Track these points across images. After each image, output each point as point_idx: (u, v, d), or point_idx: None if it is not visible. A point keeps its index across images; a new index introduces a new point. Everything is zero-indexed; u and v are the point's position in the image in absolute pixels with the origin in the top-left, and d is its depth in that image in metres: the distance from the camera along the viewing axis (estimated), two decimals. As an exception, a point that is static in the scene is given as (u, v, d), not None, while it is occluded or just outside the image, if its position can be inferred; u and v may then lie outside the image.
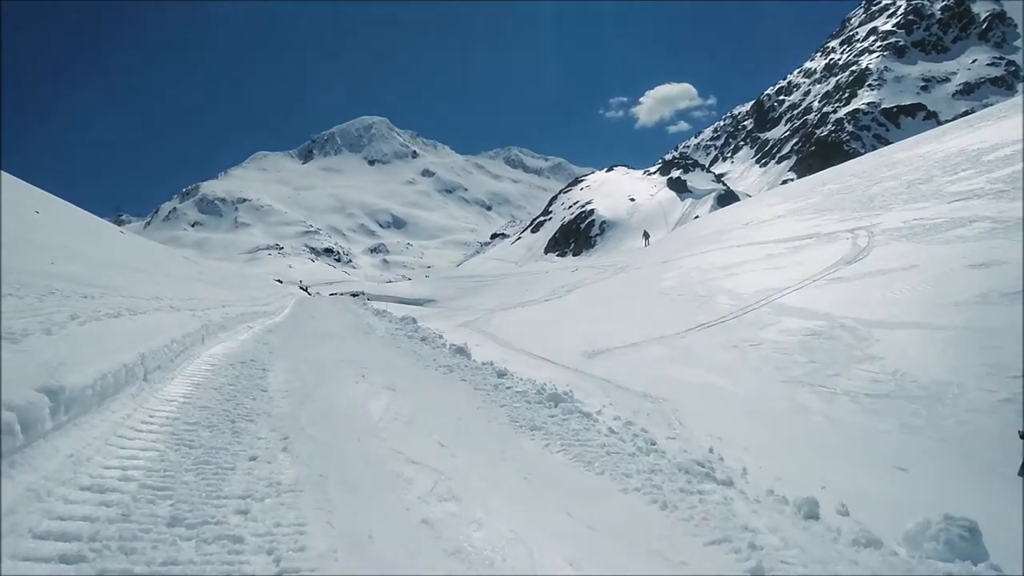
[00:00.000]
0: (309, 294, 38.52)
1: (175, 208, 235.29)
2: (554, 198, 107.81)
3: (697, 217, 57.64)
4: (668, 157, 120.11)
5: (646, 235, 40.91)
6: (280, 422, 4.76)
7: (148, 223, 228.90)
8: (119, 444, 3.80)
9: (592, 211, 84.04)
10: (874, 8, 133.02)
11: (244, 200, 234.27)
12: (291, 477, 3.65)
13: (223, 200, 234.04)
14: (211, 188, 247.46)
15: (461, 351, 9.64)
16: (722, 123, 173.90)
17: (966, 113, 55.06)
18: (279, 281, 50.04)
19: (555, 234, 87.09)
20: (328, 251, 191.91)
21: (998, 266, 8.53)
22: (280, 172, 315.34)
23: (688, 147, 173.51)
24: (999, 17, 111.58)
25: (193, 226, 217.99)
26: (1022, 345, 6.26)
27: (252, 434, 4.39)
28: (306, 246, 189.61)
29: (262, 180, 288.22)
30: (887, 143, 54.65)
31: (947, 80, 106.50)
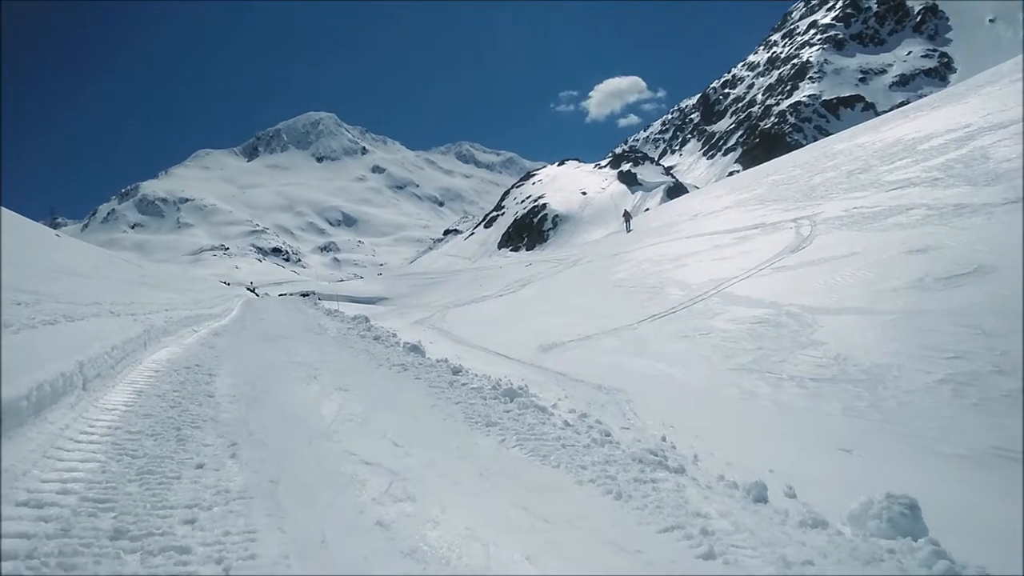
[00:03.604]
0: (257, 295, 37.74)
1: (114, 209, 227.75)
2: (506, 193, 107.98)
3: (648, 210, 58.49)
4: (618, 151, 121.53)
5: (627, 216, 34.10)
6: (228, 428, 4.64)
7: (86, 225, 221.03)
8: (57, 456, 3.66)
9: (544, 205, 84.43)
10: (814, 2, 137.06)
11: (186, 200, 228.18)
12: (240, 484, 3.56)
13: (164, 200, 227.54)
14: (151, 188, 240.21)
15: (415, 349, 9.57)
16: (670, 116, 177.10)
17: (902, 104, 57.21)
18: (225, 283, 48.88)
19: (508, 229, 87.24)
20: (276, 251, 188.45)
21: (934, 251, 8.89)
22: (224, 170, 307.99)
23: (638, 140, 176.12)
24: (932, 10, 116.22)
25: (133, 228, 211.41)
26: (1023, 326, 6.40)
27: (198, 441, 4.27)
28: (253, 246, 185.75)
29: (205, 179, 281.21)
30: (828, 134, 56.30)
31: (884, 72, 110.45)
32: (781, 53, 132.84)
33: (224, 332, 11.27)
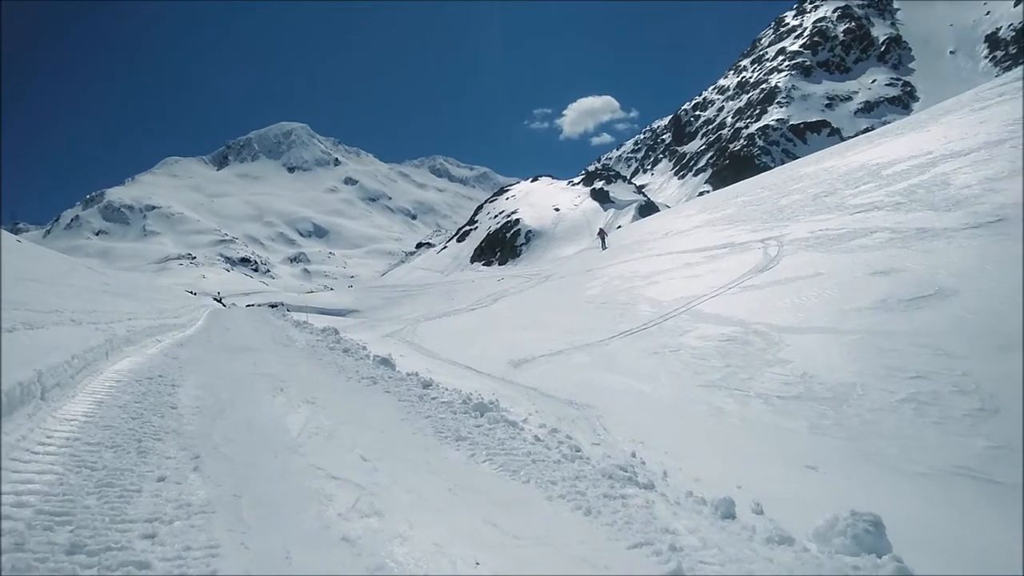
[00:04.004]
0: (224, 305, 37.15)
1: (78, 216, 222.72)
2: (480, 207, 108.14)
3: (620, 227, 59.03)
4: (591, 168, 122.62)
5: (602, 234, 32.26)
6: (191, 440, 4.53)
7: (48, 231, 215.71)
8: (13, 468, 3.53)
9: (518, 220, 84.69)
10: (782, 29, 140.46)
11: (153, 207, 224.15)
12: (202, 498, 3.47)
13: (130, 207, 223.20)
14: (117, 195, 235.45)
15: (385, 362, 9.49)
16: (642, 136, 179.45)
17: (867, 130, 58.81)
18: (192, 293, 48.07)
19: (481, 243, 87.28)
20: (245, 261, 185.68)
21: (896, 274, 9.10)
22: (193, 178, 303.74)
23: (611, 159, 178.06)
24: (896, 41, 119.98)
25: (97, 235, 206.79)
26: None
27: (160, 454, 4.16)
28: (221, 255, 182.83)
29: (173, 186, 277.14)
30: (795, 158, 57.57)
31: (849, 99, 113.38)
32: (750, 78, 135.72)
33: (189, 343, 11.05)
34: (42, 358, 5.25)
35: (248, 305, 41.34)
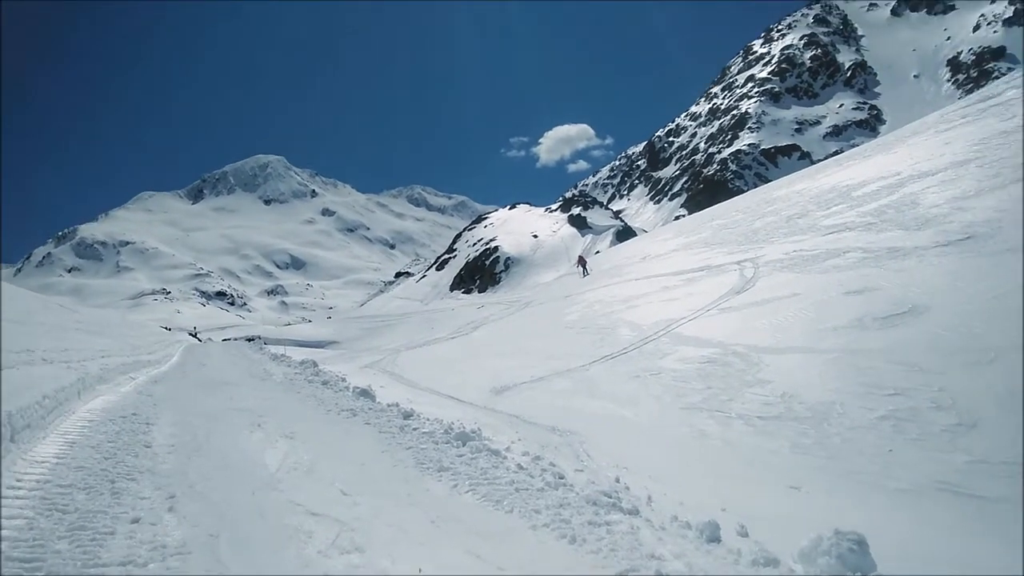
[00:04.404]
0: (200, 340, 36.64)
1: (50, 253, 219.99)
2: (458, 236, 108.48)
3: (598, 252, 59.42)
4: (569, 195, 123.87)
5: (582, 261, 31.25)
6: (166, 479, 4.43)
7: (19, 270, 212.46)
8: (-21, 514, 3.42)
9: (496, 248, 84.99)
10: (751, 57, 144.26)
11: (127, 243, 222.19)
12: (178, 539, 3.39)
13: (104, 244, 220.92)
14: (90, 231, 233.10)
15: (365, 393, 9.38)
16: (618, 163, 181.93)
17: (836, 153, 60.13)
18: (166, 328, 47.41)
19: (460, 271, 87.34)
20: (221, 294, 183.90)
21: (870, 292, 9.24)
22: (168, 213, 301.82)
23: (587, 185, 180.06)
24: (861, 66, 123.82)
25: (70, 272, 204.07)
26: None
27: (134, 494, 4.06)
28: (196, 290, 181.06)
29: (147, 221, 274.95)
30: (767, 181, 58.66)
31: (818, 123, 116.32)
32: (721, 104, 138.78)
33: (163, 379, 10.86)
34: (12, 399, 5.13)
35: (224, 339, 40.83)
